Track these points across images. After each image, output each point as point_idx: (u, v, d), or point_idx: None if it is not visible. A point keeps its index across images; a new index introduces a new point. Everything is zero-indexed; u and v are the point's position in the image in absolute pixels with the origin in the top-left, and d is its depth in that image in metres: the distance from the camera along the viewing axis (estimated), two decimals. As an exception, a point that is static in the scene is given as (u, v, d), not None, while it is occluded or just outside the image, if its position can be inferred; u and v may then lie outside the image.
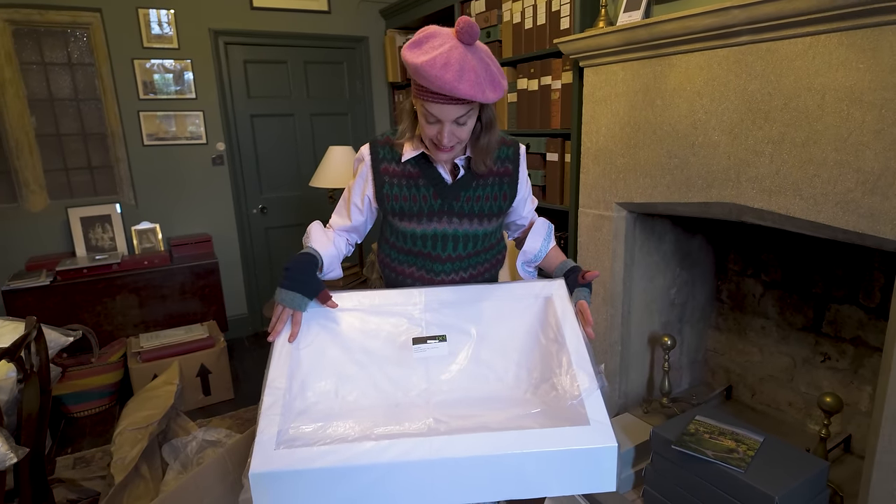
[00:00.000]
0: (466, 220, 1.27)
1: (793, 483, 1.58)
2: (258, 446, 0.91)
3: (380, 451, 0.91)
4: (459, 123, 1.12)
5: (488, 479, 0.95)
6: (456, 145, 1.17)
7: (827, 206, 1.52)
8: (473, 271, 1.34)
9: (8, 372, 1.36)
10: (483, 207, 1.27)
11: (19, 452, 1.17)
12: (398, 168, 1.25)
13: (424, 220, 1.26)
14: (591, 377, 1.05)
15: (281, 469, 0.89)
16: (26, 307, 2.78)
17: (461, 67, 1.02)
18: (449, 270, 1.31)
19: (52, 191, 3.15)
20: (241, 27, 3.43)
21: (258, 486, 0.89)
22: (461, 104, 1.08)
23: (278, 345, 1.10)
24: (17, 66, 2.96)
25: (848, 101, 1.43)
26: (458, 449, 0.92)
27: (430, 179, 1.25)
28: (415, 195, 1.25)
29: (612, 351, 2.33)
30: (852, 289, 2.01)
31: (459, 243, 1.28)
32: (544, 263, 1.39)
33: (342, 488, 0.91)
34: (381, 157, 1.27)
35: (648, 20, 1.81)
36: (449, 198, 1.25)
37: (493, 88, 1.06)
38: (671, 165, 1.91)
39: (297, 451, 0.91)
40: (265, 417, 0.96)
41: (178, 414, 2.26)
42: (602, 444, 0.95)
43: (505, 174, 1.29)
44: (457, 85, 1.02)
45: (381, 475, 0.91)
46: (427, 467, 0.91)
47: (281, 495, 0.90)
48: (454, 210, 1.26)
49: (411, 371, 1.13)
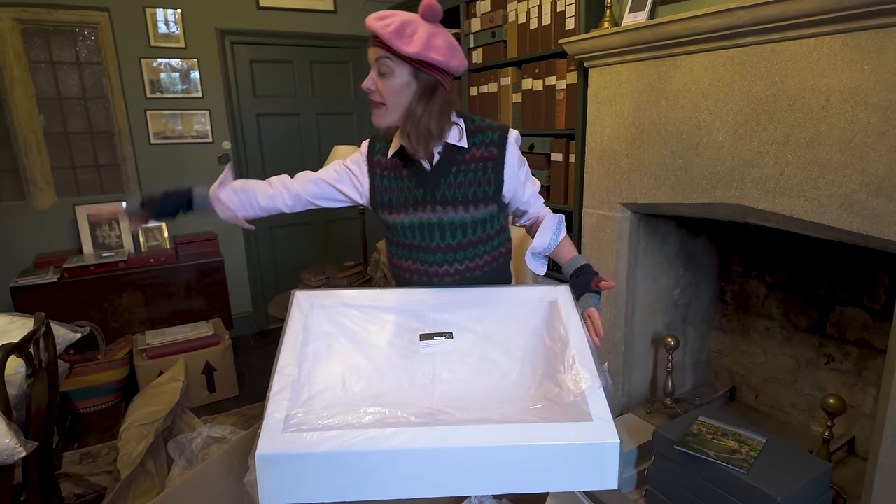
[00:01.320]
0: (451, 207, 1.26)
1: (795, 484, 1.58)
2: (265, 429, 0.93)
3: (384, 438, 0.92)
4: (381, 73, 1.18)
5: (489, 471, 0.95)
6: (386, 107, 1.20)
7: (831, 208, 1.52)
8: (470, 264, 1.31)
9: (17, 367, 1.38)
10: (467, 193, 1.26)
11: (28, 446, 1.19)
12: (387, 160, 1.31)
13: (410, 210, 1.28)
14: (594, 375, 1.06)
15: (286, 451, 0.90)
16: (34, 304, 2.81)
17: (392, 17, 1.13)
18: (442, 262, 1.30)
19: (59, 188, 3.18)
20: (247, 27, 3.45)
21: (263, 466, 0.90)
22: (377, 46, 1.16)
23: (290, 334, 1.11)
24: (25, 64, 2.98)
25: (853, 103, 1.44)
26: (461, 439, 0.93)
27: (412, 169, 1.28)
28: (400, 186, 1.29)
29: (615, 351, 2.34)
30: (857, 290, 2.00)
31: (447, 231, 1.28)
32: (555, 255, 1.37)
33: (345, 473, 0.92)
34: (376, 150, 1.34)
35: (653, 21, 1.81)
36: (430, 185, 1.26)
37: (411, 42, 1.13)
38: (675, 166, 1.91)
39: (303, 435, 0.92)
40: (273, 402, 0.98)
41: (183, 410, 2.28)
42: (604, 440, 0.95)
43: (489, 158, 1.26)
44: (373, 22, 1.13)
45: (384, 462, 0.92)
46: (429, 456, 0.92)
47: (284, 477, 0.91)
48: (437, 198, 1.26)
49: (417, 364, 1.15)
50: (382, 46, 1.15)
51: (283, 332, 1.12)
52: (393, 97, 1.19)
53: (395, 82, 1.17)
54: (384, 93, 1.19)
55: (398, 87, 1.18)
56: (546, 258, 1.36)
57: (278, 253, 3.89)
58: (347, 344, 1.17)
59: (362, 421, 1.00)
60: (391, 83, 1.18)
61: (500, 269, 1.40)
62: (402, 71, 1.17)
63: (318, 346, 1.15)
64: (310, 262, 3.96)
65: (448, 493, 0.97)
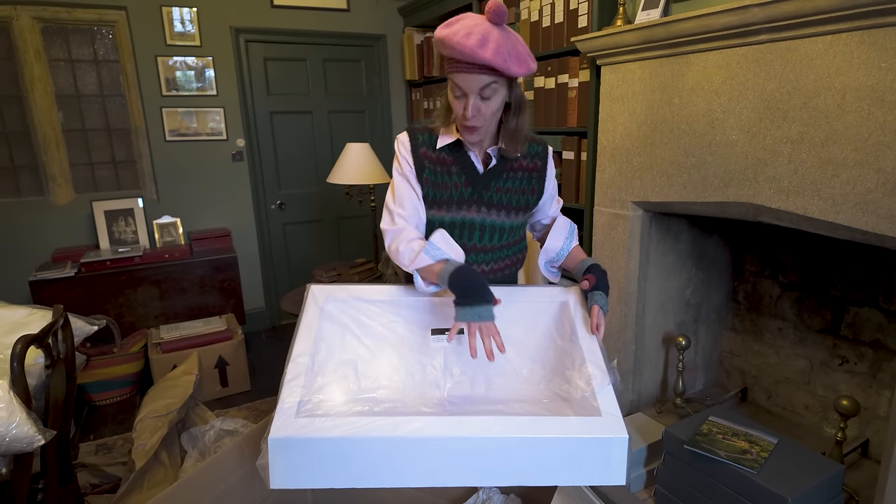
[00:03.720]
0: (495, 210, 1.29)
1: (807, 485, 1.57)
2: (279, 413, 0.95)
3: (394, 426, 0.93)
4: (484, 97, 1.13)
5: (497, 462, 0.96)
6: (483, 126, 1.18)
7: (846, 207, 1.50)
8: (494, 265, 1.35)
9: (36, 358, 1.41)
10: (511, 200, 1.30)
11: (47, 435, 1.22)
12: (434, 154, 1.27)
13: (454, 208, 1.27)
14: (603, 372, 1.06)
15: (298, 436, 0.92)
16: (52, 297, 2.86)
17: (484, 37, 1.06)
18: (472, 262, 1.31)
19: (77, 184, 3.24)
20: (261, 25, 3.49)
21: (276, 449, 0.92)
22: (484, 73, 1.10)
23: (304, 325, 1.13)
24: (45, 62, 3.04)
25: (869, 101, 1.42)
26: (470, 429, 0.94)
27: (463, 167, 1.26)
28: (447, 182, 1.27)
29: (625, 350, 2.33)
30: (872, 291, 1.98)
31: (486, 233, 1.30)
32: (566, 263, 1.38)
33: (355, 458, 0.93)
34: (420, 141, 1.28)
35: (667, 18, 1.80)
36: (479, 186, 1.27)
37: (516, 62, 1.09)
38: (688, 164, 1.90)
39: (315, 421, 0.94)
40: (287, 387, 1.00)
41: (196, 403, 2.31)
42: (613, 435, 0.96)
43: (534, 169, 1.32)
44: (478, 50, 1.05)
45: (393, 449, 0.93)
46: (438, 445, 0.93)
47: (295, 460, 0.93)
48: (483, 199, 1.28)
49: (429, 357, 1.17)
50: (490, 72, 1.10)
51: (298, 324, 1.14)
52: (493, 116, 1.18)
53: (497, 102, 1.16)
54: (487, 115, 1.16)
55: (499, 105, 1.17)
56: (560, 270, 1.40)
57: (291, 250, 3.93)
58: (360, 336, 1.19)
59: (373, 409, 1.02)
60: (493, 104, 1.15)
61: (513, 274, 1.44)
62: (503, 90, 1.15)
63: (331, 338, 1.17)
64: (321, 259, 3.99)
65: (456, 482, 0.98)
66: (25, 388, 1.26)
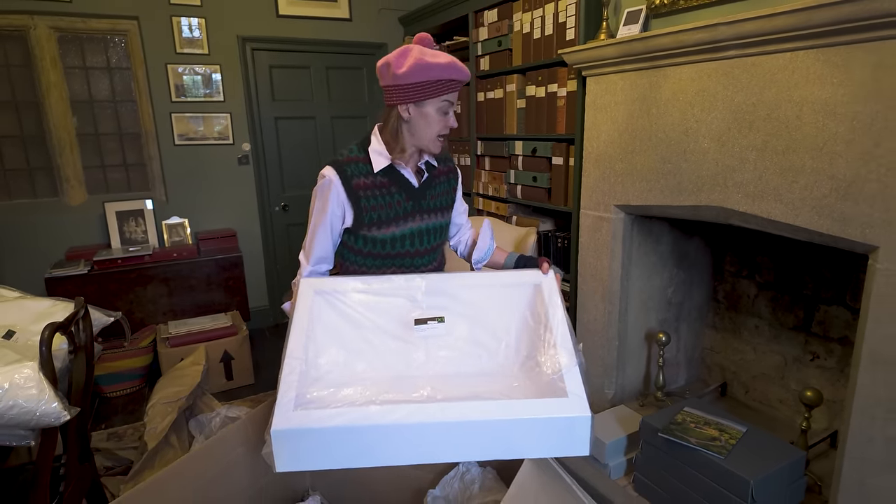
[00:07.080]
0: (433, 214, 1.47)
1: (769, 469, 1.68)
2: (279, 407, 1.07)
3: (384, 414, 1.06)
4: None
5: (476, 441, 1.09)
6: None
7: (804, 211, 1.62)
8: (435, 263, 1.53)
9: (61, 344, 1.54)
10: (442, 201, 1.50)
11: (72, 411, 1.34)
12: (369, 180, 1.38)
13: (401, 223, 1.41)
14: (570, 355, 1.18)
15: (298, 427, 1.04)
16: (66, 293, 3.00)
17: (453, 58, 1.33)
18: (428, 262, 1.50)
19: (90, 186, 3.38)
20: (267, 34, 3.63)
21: (278, 440, 1.04)
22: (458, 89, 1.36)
23: (296, 320, 1.24)
24: (61, 69, 3.19)
25: (823, 113, 1.54)
26: (452, 414, 1.07)
27: (400, 185, 1.41)
28: (389, 202, 1.40)
29: (609, 346, 2.45)
30: (840, 290, 2.10)
31: (431, 235, 1.48)
32: (491, 262, 1.56)
33: (350, 444, 1.06)
34: (349, 174, 1.37)
35: (645, 34, 1.93)
36: (418, 198, 1.43)
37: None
38: (665, 170, 2.03)
39: (312, 413, 1.06)
40: (285, 383, 1.11)
41: (203, 392, 2.44)
42: (578, 414, 1.08)
43: (450, 171, 1.54)
44: (466, 70, 1.33)
45: (384, 435, 1.06)
46: (424, 429, 1.06)
47: (297, 449, 1.05)
48: (423, 208, 1.45)
49: (413, 347, 1.28)
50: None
51: (291, 318, 1.25)
52: None
53: None
54: None
55: None
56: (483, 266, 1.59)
57: (294, 250, 4.06)
58: (349, 329, 1.29)
59: (363, 399, 1.13)
60: None
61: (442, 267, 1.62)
62: None
63: (323, 332, 1.27)
64: (323, 259, 4.11)
65: (439, 460, 1.11)
66: (52, 371, 1.39)
